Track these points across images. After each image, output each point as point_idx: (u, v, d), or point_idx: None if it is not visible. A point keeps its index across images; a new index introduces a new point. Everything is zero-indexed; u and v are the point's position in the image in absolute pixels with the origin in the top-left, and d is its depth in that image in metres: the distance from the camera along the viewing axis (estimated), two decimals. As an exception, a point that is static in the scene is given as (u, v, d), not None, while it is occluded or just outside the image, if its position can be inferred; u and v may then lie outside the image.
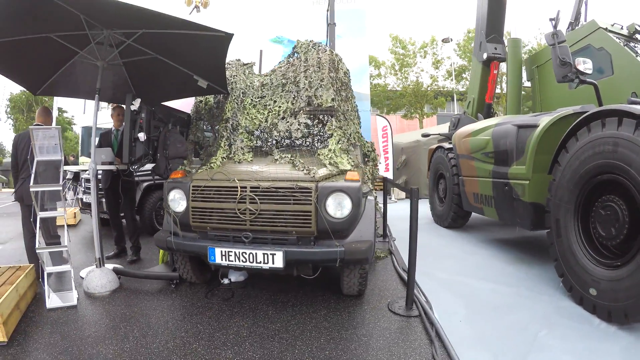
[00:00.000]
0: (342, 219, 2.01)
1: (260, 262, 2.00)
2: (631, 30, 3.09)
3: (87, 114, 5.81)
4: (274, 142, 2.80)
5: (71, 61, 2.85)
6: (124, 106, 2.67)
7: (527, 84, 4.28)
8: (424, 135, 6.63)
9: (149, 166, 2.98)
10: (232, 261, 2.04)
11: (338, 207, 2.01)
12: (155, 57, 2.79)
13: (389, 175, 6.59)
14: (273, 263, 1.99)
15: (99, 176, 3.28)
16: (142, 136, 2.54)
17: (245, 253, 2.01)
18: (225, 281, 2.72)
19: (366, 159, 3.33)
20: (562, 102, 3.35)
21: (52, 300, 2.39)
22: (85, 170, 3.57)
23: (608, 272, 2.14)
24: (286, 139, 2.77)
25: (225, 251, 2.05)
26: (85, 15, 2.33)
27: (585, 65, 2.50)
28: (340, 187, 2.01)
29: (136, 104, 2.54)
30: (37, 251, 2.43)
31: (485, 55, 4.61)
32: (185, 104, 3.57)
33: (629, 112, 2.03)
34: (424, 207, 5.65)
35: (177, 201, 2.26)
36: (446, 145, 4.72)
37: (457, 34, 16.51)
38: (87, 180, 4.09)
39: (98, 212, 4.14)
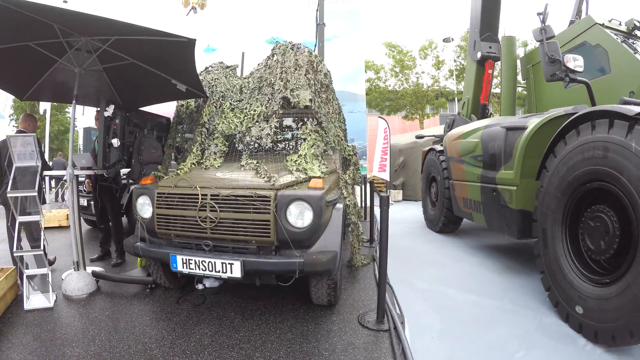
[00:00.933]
0: (303, 228, 1.94)
1: (219, 271, 1.96)
2: (630, 26, 2.86)
3: (85, 115, 6.02)
4: (257, 146, 2.75)
5: (53, 67, 2.90)
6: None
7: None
8: (419, 137, 6.45)
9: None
10: (193, 269, 2.02)
11: (299, 216, 1.94)
12: (133, 63, 2.80)
13: (386, 176, 6.45)
14: (231, 272, 1.94)
15: (82, 179, 3.33)
16: (115, 142, 2.56)
17: (205, 261, 1.98)
18: (200, 287, 2.70)
19: (348, 163, 3.24)
20: (559, 103, 3.15)
21: (30, 302, 2.44)
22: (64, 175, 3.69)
23: (596, 289, 1.98)
24: (266, 143, 2.71)
25: (185, 259, 2.02)
26: (58, 24, 2.36)
27: (575, 62, 2.32)
28: (301, 196, 1.93)
29: (110, 110, 2.55)
30: (14, 254, 2.49)
31: (479, 55, 4.41)
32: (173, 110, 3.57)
33: (621, 114, 1.85)
34: (419, 210, 5.49)
35: (144, 207, 2.25)
36: (438, 147, 4.56)
37: (455, 37, 16.01)
38: (81, 184, 4.19)
39: (88, 215, 4.24)
